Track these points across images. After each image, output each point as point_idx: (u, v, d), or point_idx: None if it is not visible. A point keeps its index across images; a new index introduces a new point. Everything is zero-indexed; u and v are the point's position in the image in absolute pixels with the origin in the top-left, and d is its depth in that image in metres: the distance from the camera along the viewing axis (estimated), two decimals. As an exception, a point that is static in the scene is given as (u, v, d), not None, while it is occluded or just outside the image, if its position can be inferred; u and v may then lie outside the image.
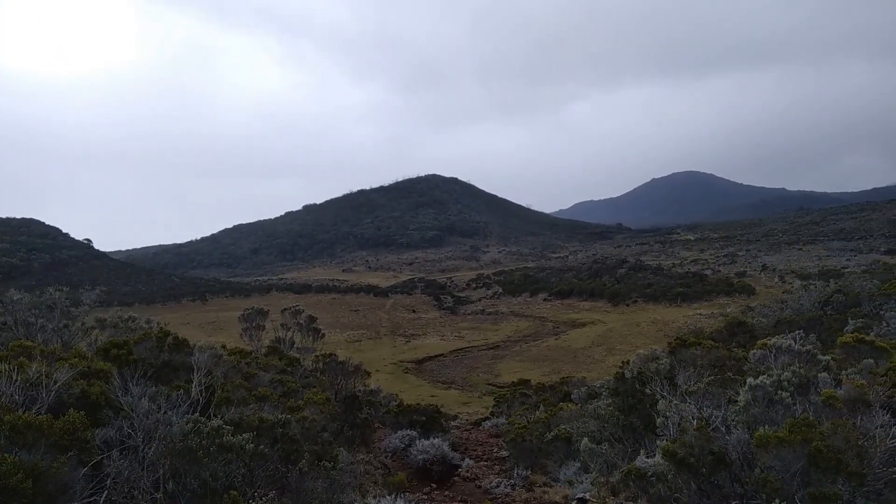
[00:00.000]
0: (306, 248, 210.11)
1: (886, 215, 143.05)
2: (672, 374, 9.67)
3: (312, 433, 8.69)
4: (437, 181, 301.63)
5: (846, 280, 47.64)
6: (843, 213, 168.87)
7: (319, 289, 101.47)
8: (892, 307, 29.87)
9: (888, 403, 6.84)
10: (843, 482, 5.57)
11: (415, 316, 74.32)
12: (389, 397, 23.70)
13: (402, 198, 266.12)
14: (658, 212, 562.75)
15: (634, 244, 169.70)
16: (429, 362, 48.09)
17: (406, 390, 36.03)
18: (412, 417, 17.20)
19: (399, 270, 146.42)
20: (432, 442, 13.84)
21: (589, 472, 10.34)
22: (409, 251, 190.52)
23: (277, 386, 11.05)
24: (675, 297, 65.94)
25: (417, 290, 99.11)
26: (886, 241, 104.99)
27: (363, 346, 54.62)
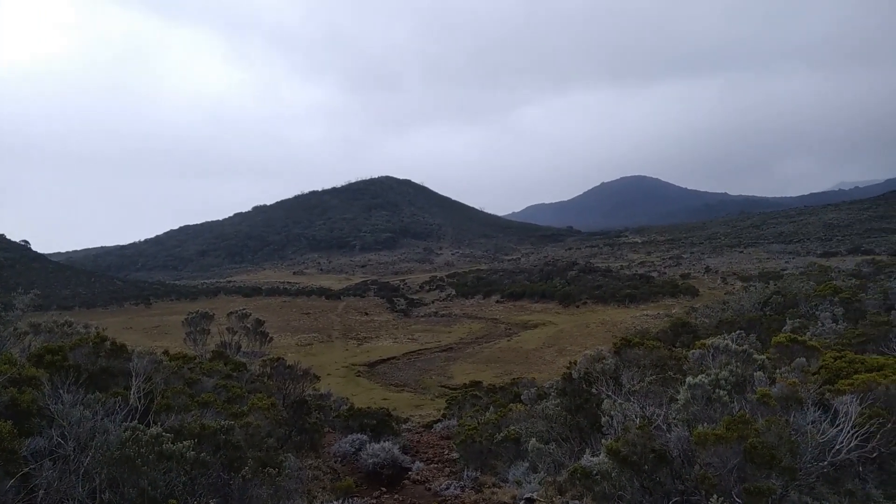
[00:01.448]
0: (256, 250, 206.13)
1: (822, 219, 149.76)
2: (617, 373, 9.87)
3: (257, 439, 8.51)
4: (391, 183, 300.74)
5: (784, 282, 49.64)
6: (782, 218, 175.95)
7: (269, 291, 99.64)
8: (827, 308, 31.30)
9: (819, 400, 7.14)
10: (777, 477, 5.78)
11: (367, 318, 73.80)
12: (340, 401, 23.43)
13: (355, 199, 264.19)
14: (607, 215, 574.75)
15: (584, 247, 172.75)
16: (381, 365, 47.80)
17: (358, 394, 35.70)
18: (363, 421, 17.06)
19: (352, 273, 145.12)
20: (383, 445, 13.74)
21: (537, 472, 10.45)
22: (362, 253, 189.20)
23: (221, 391, 10.78)
24: (624, 298, 67.39)
25: (370, 292, 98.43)
26: (822, 244, 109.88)
27: (315, 350, 53.91)
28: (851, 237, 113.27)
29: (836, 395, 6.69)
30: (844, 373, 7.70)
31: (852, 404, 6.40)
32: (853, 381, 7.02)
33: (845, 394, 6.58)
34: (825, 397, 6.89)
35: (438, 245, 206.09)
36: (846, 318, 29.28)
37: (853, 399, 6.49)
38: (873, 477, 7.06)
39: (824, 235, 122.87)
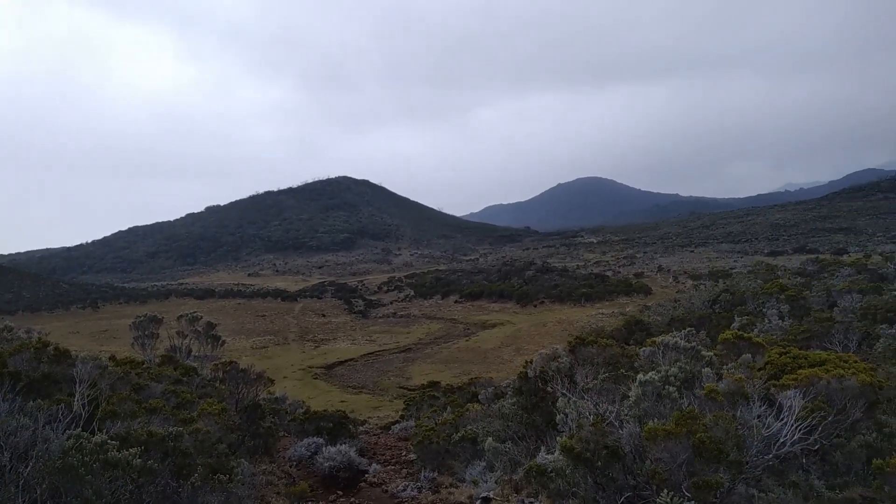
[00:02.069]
0: (209, 251, 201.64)
1: (769, 219, 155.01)
2: (572, 371, 9.99)
3: (207, 445, 8.30)
4: (348, 183, 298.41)
5: (733, 280, 51.22)
6: (730, 218, 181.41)
7: (223, 294, 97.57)
8: (773, 305, 32.38)
9: (765, 395, 7.36)
10: (725, 471, 5.92)
11: (325, 320, 73.00)
12: (296, 404, 23.10)
13: (312, 200, 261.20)
14: (563, 216, 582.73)
15: (541, 247, 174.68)
16: (339, 367, 47.33)
17: (315, 396, 35.26)
18: (319, 424, 16.82)
19: (308, 274, 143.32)
20: (339, 448, 13.57)
21: (494, 471, 10.48)
22: (320, 254, 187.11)
23: (171, 397, 10.50)
24: (580, 297, 68.35)
25: (328, 293, 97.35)
26: (769, 243, 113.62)
27: (270, 353, 53.03)
28: (797, 237, 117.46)
29: (780, 389, 6.90)
30: (789, 368, 7.96)
31: (796, 399, 6.61)
32: (797, 376, 7.25)
33: (789, 388, 6.80)
34: (770, 392, 7.10)
35: (397, 246, 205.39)
36: (792, 314, 30.35)
37: (797, 394, 6.71)
38: (816, 468, 7.31)
39: (771, 235, 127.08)
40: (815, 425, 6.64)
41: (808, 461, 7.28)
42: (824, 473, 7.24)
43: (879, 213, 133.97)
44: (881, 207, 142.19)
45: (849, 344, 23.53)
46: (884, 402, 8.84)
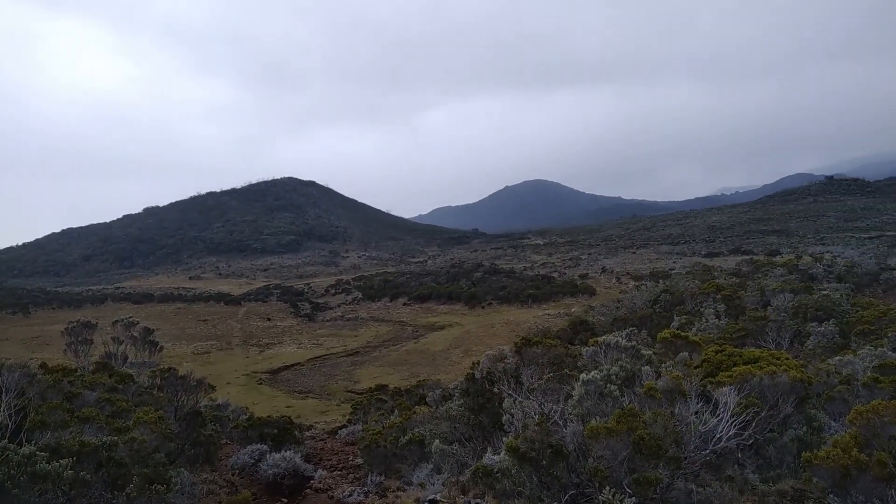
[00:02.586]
0: (147, 254, 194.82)
1: (706, 222, 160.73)
2: (518, 372, 10.08)
3: (143, 455, 8.00)
4: (294, 184, 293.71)
5: (672, 281, 52.81)
6: (670, 221, 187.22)
7: (163, 298, 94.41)
8: (710, 304, 33.52)
9: (702, 392, 7.59)
10: (664, 466, 6.08)
11: (270, 324, 71.58)
12: (239, 411, 22.55)
13: (257, 201, 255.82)
14: (511, 218, 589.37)
15: (489, 249, 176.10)
16: (285, 372, 46.45)
17: (260, 402, 34.52)
18: (263, 431, 16.46)
19: (253, 277, 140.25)
20: (284, 455, 13.34)
21: (441, 473, 10.47)
22: (265, 256, 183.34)
23: (105, 406, 10.08)
24: (527, 298, 69.23)
25: (273, 297, 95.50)
26: (706, 245, 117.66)
27: (213, 358, 51.61)
28: (732, 239, 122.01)
29: (716, 386, 7.14)
30: (724, 365, 8.24)
31: (731, 395, 6.85)
32: (732, 373, 7.52)
33: (725, 385, 7.04)
34: (707, 389, 7.34)
35: (344, 248, 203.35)
36: (728, 313, 31.51)
37: (732, 390, 6.95)
38: (751, 462, 7.59)
39: (708, 237, 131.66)
40: (750, 421, 6.89)
41: (743, 455, 7.55)
42: (758, 467, 7.52)
43: (810, 215, 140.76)
44: (811, 210, 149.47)
45: (781, 341, 24.61)
46: (813, 398, 9.25)
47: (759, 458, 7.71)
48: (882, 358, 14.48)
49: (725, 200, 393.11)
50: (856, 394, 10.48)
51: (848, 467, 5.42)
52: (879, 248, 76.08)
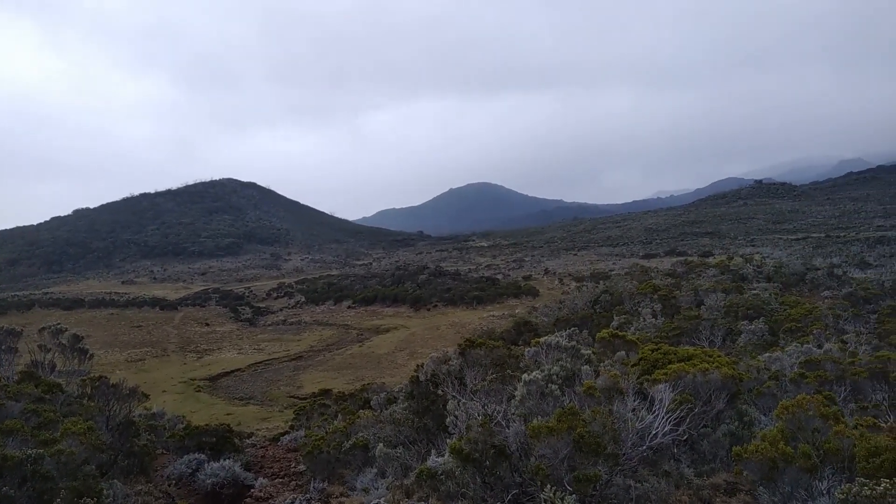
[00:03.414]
0: (78, 258, 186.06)
1: (643, 224, 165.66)
2: (462, 374, 10.11)
3: (72, 467, 7.62)
4: (234, 186, 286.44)
5: (612, 281, 54.15)
6: (609, 223, 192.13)
7: (94, 303, 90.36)
8: (648, 304, 34.55)
9: (639, 390, 7.79)
10: (603, 463, 6.20)
11: (208, 329, 69.53)
12: (176, 420, 21.78)
13: (194, 203, 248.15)
14: (455, 220, 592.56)
15: (434, 251, 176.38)
16: (224, 378, 45.18)
17: (198, 410, 33.50)
18: (201, 439, 15.95)
19: (190, 281, 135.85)
20: (223, 464, 12.97)
21: (385, 477, 10.39)
22: (203, 260, 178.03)
23: (31, 417, 9.56)
24: (472, 300, 69.61)
25: (212, 301, 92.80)
26: (643, 246, 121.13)
27: (148, 366, 49.74)
28: (668, 240, 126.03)
29: (652, 384, 7.34)
30: (660, 363, 8.49)
31: (666, 392, 7.06)
32: (667, 370, 7.75)
33: (660, 383, 7.24)
34: (644, 387, 7.54)
35: (287, 250, 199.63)
36: (664, 313, 32.56)
37: (667, 387, 7.16)
38: (686, 457, 7.83)
39: (645, 239, 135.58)
40: (684, 417, 7.12)
41: (678, 451, 7.78)
42: (693, 462, 7.77)
43: (740, 218, 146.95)
44: (742, 213, 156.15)
45: (714, 339, 25.59)
46: (744, 393, 9.64)
47: (694, 452, 7.96)
48: (808, 354, 15.24)
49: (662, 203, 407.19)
50: (784, 389, 10.99)
51: (775, 460, 5.66)
52: (805, 249, 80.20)
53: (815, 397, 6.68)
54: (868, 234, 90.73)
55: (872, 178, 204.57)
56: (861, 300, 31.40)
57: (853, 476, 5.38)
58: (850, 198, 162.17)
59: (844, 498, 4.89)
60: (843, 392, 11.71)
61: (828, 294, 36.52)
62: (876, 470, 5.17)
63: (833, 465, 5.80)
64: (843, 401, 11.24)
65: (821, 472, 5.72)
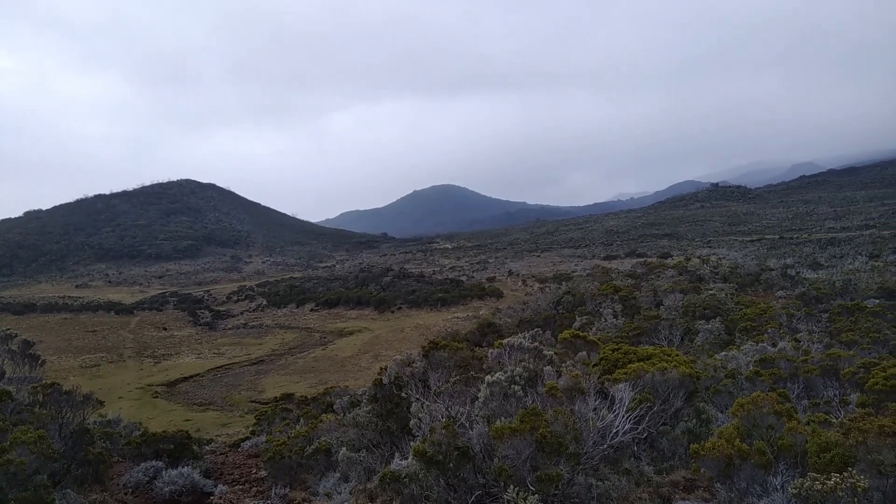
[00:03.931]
0: (29, 261, 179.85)
1: (604, 226, 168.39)
2: (425, 376, 10.09)
3: (22, 478, 7.35)
4: (192, 187, 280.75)
5: (574, 283, 54.83)
6: (571, 225, 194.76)
7: (46, 308, 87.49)
8: (609, 305, 35.06)
9: (600, 389, 7.90)
10: (565, 463, 6.25)
11: (166, 334, 67.96)
12: (132, 426, 21.19)
13: (151, 204, 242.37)
14: (419, 222, 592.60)
15: (399, 253, 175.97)
16: (183, 383, 44.21)
17: (156, 417, 32.72)
18: (158, 446, 15.55)
19: (147, 284, 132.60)
20: (181, 471, 12.69)
21: (348, 482, 10.30)
22: (160, 263, 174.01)
23: (-24, 427, 9.17)
24: (436, 302, 69.63)
25: (169, 305, 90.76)
26: (605, 248, 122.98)
27: (103, 371, 48.36)
28: (628, 242, 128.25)
29: (613, 383, 7.45)
30: (620, 363, 8.61)
31: (626, 391, 7.16)
32: (627, 370, 7.87)
33: (621, 382, 7.35)
34: (605, 386, 7.64)
35: (247, 253, 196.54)
36: (624, 313, 33.07)
37: (627, 386, 7.27)
38: (646, 455, 7.95)
39: (606, 240, 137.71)
40: (644, 415, 7.23)
41: (638, 448, 7.91)
42: (653, 459, 7.90)
43: (697, 220, 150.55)
44: (699, 215, 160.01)
45: (673, 338, 26.11)
46: (702, 391, 9.85)
47: (654, 450, 8.10)
48: (763, 352, 15.66)
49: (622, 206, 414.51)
50: (740, 387, 11.26)
51: (731, 457, 5.79)
52: (760, 250, 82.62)
53: (770, 395, 6.86)
54: (820, 235, 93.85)
55: (824, 182, 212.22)
56: (813, 300, 32.41)
57: (806, 471, 5.53)
58: (803, 200, 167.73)
59: (797, 493, 5.02)
60: (796, 389, 12.07)
61: (782, 294, 37.62)
62: (827, 465, 5.33)
63: (787, 460, 5.96)
64: (796, 398, 11.58)
65: (775, 468, 5.86)
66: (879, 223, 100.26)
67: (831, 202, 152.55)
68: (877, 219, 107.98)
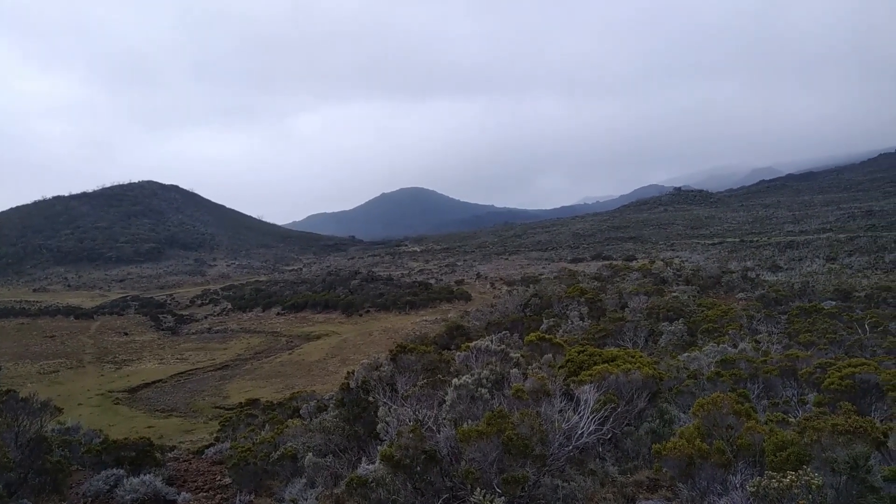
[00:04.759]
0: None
1: (571, 229, 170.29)
2: (393, 380, 10.07)
3: (-27, 491, 7.11)
4: (154, 188, 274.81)
5: (541, 285, 55.29)
6: (539, 228, 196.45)
7: (2, 313, 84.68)
8: (575, 307, 35.45)
9: (566, 391, 7.99)
10: (531, 465, 6.31)
11: (127, 339, 66.39)
12: (92, 434, 20.65)
13: (112, 206, 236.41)
14: (388, 225, 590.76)
15: (367, 256, 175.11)
16: (145, 390, 43.25)
17: (117, 424, 31.96)
18: (119, 454, 15.20)
19: (107, 288, 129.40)
20: (143, 479, 12.41)
21: (315, 487, 10.21)
22: (121, 266, 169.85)
23: (-74, 438, 8.86)
24: (405, 305, 69.46)
25: (131, 309, 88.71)
26: (571, 251, 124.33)
27: (62, 378, 47.00)
28: (594, 245, 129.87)
29: (578, 385, 7.55)
30: (586, 365, 8.73)
31: (591, 393, 7.27)
32: (592, 372, 7.98)
33: (586, 384, 7.45)
34: (570, 388, 7.74)
35: (212, 256, 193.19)
36: (591, 315, 33.48)
37: (592, 388, 7.37)
38: (610, 455, 8.07)
39: (573, 243, 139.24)
40: (608, 416, 7.34)
41: (603, 449, 8.02)
42: (617, 459, 8.03)
43: (661, 223, 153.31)
44: (662, 219, 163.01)
45: (638, 340, 26.52)
46: (665, 392, 10.04)
47: (618, 450, 8.23)
48: (724, 353, 16.03)
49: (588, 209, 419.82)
50: (702, 387, 11.51)
51: (692, 456, 5.92)
52: (721, 253, 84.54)
53: (730, 395, 7.04)
54: (779, 238, 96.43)
55: (783, 186, 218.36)
56: (773, 301, 33.30)
57: (764, 469, 5.68)
58: (763, 204, 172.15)
59: (755, 491, 5.16)
60: (756, 389, 12.39)
61: (742, 296, 38.55)
62: (783, 463, 5.49)
63: (746, 459, 6.12)
64: (756, 398, 11.89)
65: (734, 467, 6.01)
66: (836, 227, 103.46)
67: (790, 206, 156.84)
68: (833, 222, 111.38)
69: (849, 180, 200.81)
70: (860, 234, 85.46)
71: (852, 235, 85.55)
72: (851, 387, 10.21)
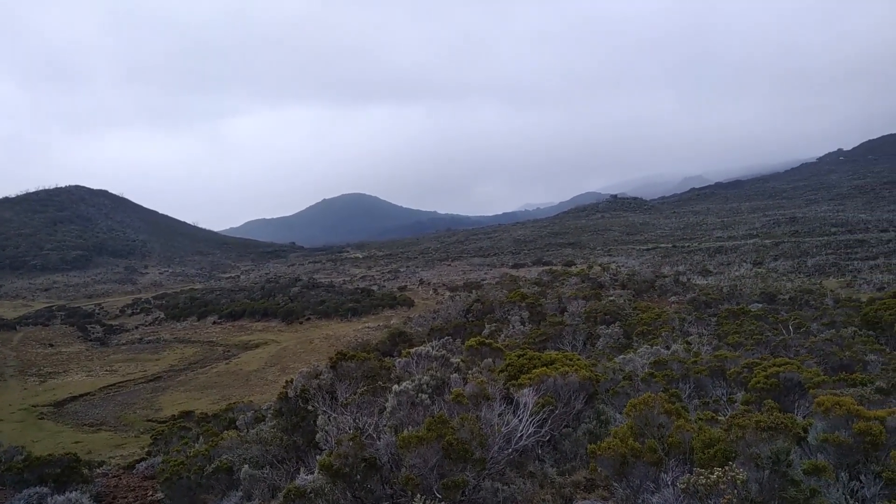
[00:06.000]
0: None
1: (512, 235, 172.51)
2: (333, 388, 9.94)
3: None
4: (82, 193, 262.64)
5: (483, 291, 55.80)
6: (481, 234, 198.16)
7: (-88, 326, 79.20)
8: (516, 312, 35.92)
9: (506, 395, 8.08)
10: (471, 469, 6.35)
11: (53, 351, 63.08)
12: (14, 451, 19.55)
13: (36, 212, 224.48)
14: (329, 231, 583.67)
15: (308, 262, 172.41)
16: (72, 403, 41.15)
17: (42, 439, 30.35)
18: (43, 471, 14.44)
19: (31, 298, 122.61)
20: (68, 496, 11.85)
21: (252, 500, 9.97)
22: (46, 274, 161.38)
23: None
24: (347, 312, 68.68)
25: (56, 319, 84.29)
26: (513, 256, 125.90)
27: (-21, 393, 44.27)
28: (535, 251, 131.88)
29: (517, 388, 7.64)
30: (525, 368, 8.86)
31: (530, 396, 7.37)
32: (531, 375, 8.10)
33: (525, 387, 7.56)
34: (510, 392, 7.83)
35: (143, 264, 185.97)
36: (531, 319, 34.00)
37: (531, 391, 7.48)
38: (549, 457, 8.20)
39: (514, 249, 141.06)
40: (546, 418, 7.47)
41: (542, 451, 8.15)
42: (556, 461, 8.16)
43: (598, 229, 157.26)
44: (600, 225, 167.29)
45: (577, 343, 27.09)
46: (602, 393, 10.29)
47: (557, 452, 8.37)
48: (657, 355, 16.56)
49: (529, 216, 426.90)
50: (636, 388, 11.85)
51: (625, 455, 6.09)
52: (655, 258, 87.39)
53: (661, 395, 7.27)
54: (709, 244, 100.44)
55: (712, 194, 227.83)
56: (703, 304, 34.63)
57: (693, 467, 5.89)
58: (693, 211, 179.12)
59: (685, 487, 5.34)
60: (688, 389, 12.86)
61: (674, 299, 39.95)
62: (711, 460, 5.71)
63: (676, 457, 6.33)
64: (688, 397, 12.34)
65: (666, 465, 6.21)
66: (762, 233, 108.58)
67: (719, 213, 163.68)
68: (759, 228, 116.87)
69: (773, 188, 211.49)
70: (784, 240, 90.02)
71: (777, 241, 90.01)
72: (776, 385, 10.74)
